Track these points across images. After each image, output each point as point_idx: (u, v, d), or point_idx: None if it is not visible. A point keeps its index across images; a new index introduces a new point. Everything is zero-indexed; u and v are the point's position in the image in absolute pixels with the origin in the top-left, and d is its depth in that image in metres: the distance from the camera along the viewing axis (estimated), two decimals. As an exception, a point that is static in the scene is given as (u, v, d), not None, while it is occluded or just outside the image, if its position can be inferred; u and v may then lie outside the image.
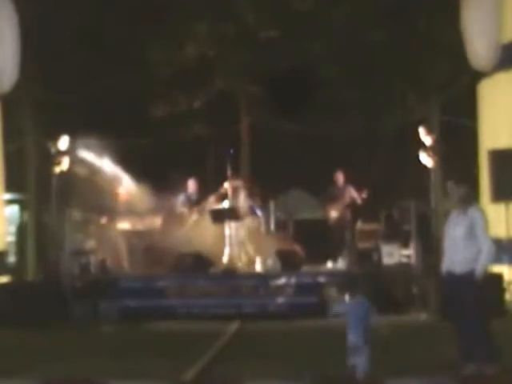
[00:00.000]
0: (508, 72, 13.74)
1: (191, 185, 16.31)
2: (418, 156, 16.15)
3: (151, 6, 17.74)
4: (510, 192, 13.30)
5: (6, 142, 14.74)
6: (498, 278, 12.68)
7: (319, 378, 8.48)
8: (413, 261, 14.49)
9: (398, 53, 16.86)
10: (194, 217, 15.88)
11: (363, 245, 16.09)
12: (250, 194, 16.37)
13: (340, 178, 16.53)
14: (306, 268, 14.77)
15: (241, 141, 20.08)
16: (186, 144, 19.31)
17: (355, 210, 16.39)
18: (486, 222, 8.47)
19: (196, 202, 16.07)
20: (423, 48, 16.75)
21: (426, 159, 16.16)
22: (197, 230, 15.58)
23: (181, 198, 16.23)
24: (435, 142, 16.26)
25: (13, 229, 17.20)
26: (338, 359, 9.41)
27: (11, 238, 16.74)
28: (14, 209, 17.71)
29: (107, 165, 16.70)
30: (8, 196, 16.11)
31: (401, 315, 12.88)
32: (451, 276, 8.54)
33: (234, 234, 15.16)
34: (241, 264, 14.92)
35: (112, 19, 17.13)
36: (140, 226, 16.11)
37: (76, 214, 15.89)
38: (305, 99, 19.17)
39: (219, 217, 15.22)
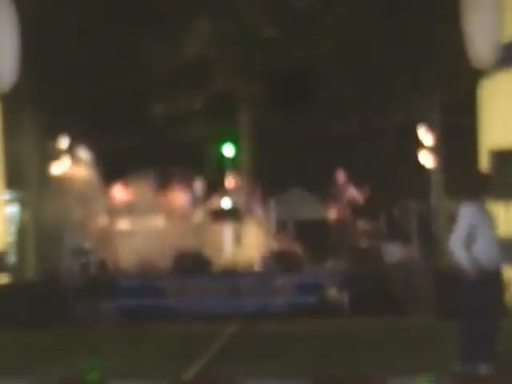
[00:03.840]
0: (509, 71, 13.72)
1: (198, 185, 16.34)
2: (418, 155, 16.14)
3: (151, 5, 17.72)
4: (509, 191, 13.29)
5: (6, 141, 14.73)
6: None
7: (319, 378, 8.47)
8: (413, 260, 14.49)
9: (398, 52, 16.83)
10: (199, 216, 15.89)
11: (364, 244, 16.09)
12: (251, 194, 16.39)
13: (340, 176, 16.53)
14: (306, 268, 14.76)
15: (241, 140, 20.07)
16: (186, 144, 19.29)
17: (355, 209, 16.39)
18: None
19: (201, 202, 16.11)
20: (423, 47, 16.72)
21: (426, 158, 16.14)
22: (199, 229, 15.60)
23: (187, 197, 16.25)
24: (435, 141, 16.26)
25: (13, 228, 17.18)
26: (338, 359, 9.42)
27: (11, 238, 16.72)
28: (14, 208, 17.68)
29: (106, 164, 16.70)
30: (8, 195, 16.10)
31: (401, 314, 12.88)
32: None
33: (234, 233, 15.16)
34: (241, 264, 14.92)
35: (112, 18, 17.11)
36: (140, 225, 16.10)
37: (76, 214, 15.89)
38: (305, 98, 19.15)
39: (220, 217, 15.23)
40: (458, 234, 8.32)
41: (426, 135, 16.13)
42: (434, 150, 16.22)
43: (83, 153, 16.52)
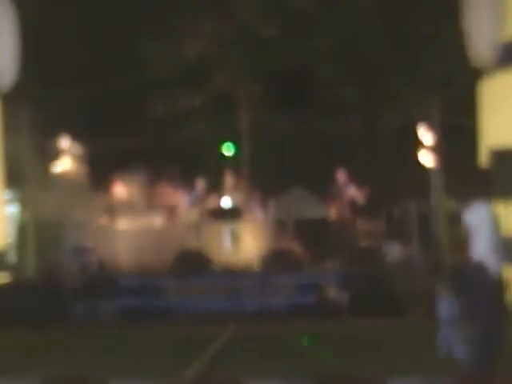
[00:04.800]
0: (509, 71, 13.71)
1: (199, 185, 16.35)
2: (418, 155, 16.14)
3: (151, 5, 17.72)
4: (509, 191, 13.28)
5: (6, 140, 14.73)
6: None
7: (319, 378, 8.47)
8: (413, 260, 14.49)
9: (398, 52, 16.84)
10: (196, 215, 15.90)
11: (364, 244, 16.08)
12: (250, 193, 16.40)
13: (341, 176, 16.53)
14: (305, 268, 14.77)
15: (241, 140, 20.06)
16: (186, 143, 19.29)
17: (356, 209, 16.39)
18: None
19: (201, 201, 16.13)
20: (423, 46, 16.73)
21: (426, 158, 16.14)
22: (199, 228, 15.60)
23: (188, 197, 16.26)
24: (436, 141, 16.26)
25: (13, 228, 17.17)
26: (338, 359, 9.42)
27: (11, 237, 16.71)
28: (14, 208, 17.69)
29: (106, 163, 16.70)
30: (8, 195, 16.09)
31: (401, 315, 12.88)
32: None
33: (234, 233, 15.16)
34: (240, 264, 14.92)
35: (112, 18, 17.11)
36: (139, 224, 16.09)
37: (77, 213, 15.90)
38: (305, 98, 19.15)
39: (220, 216, 15.24)
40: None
41: (425, 135, 16.13)
42: (433, 149, 16.22)
43: (76, 150, 16.52)
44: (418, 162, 16.21)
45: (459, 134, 16.24)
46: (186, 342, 11.14)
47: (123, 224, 16.21)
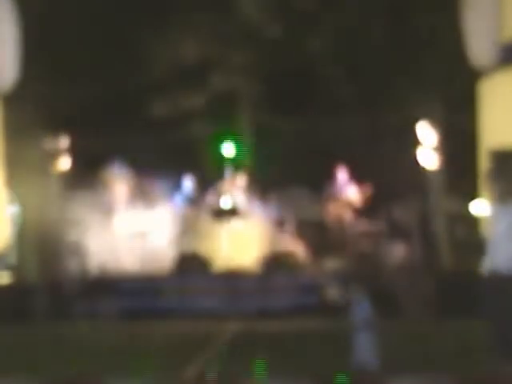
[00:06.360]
0: (509, 71, 13.71)
1: (187, 183, 16.35)
2: (418, 155, 16.15)
3: (151, 5, 17.73)
4: (509, 192, 13.27)
5: (7, 140, 14.73)
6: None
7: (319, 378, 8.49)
8: (413, 260, 14.50)
9: (397, 51, 16.85)
10: (193, 215, 15.90)
11: (364, 244, 16.08)
12: (250, 193, 16.40)
13: (340, 176, 16.54)
14: (306, 268, 14.77)
15: (241, 140, 20.06)
16: (186, 143, 19.29)
17: (355, 209, 16.39)
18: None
19: (194, 201, 16.12)
20: (423, 46, 16.74)
21: (426, 158, 16.15)
22: (197, 228, 15.60)
23: (178, 196, 16.26)
24: (436, 140, 16.27)
25: (13, 228, 17.16)
26: (338, 359, 9.43)
27: (11, 238, 16.71)
28: (14, 208, 17.69)
29: (106, 164, 16.72)
30: (8, 195, 16.09)
31: (401, 315, 12.88)
32: None
33: (234, 233, 15.17)
34: (241, 263, 14.93)
35: (112, 18, 17.12)
36: (139, 224, 16.09)
37: (77, 213, 15.90)
38: (305, 98, 19.15)
39: (219, 216, 15.24)
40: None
41: (426, 135, 16.14)
42: (434, 149, 16.23)
43: (76, 150, 16.55)
44: (418, 162, 16.21)
45: (459, 134, 16.25)
46: (186, 342, 11.15)
47: (123, 224, 16.21)
